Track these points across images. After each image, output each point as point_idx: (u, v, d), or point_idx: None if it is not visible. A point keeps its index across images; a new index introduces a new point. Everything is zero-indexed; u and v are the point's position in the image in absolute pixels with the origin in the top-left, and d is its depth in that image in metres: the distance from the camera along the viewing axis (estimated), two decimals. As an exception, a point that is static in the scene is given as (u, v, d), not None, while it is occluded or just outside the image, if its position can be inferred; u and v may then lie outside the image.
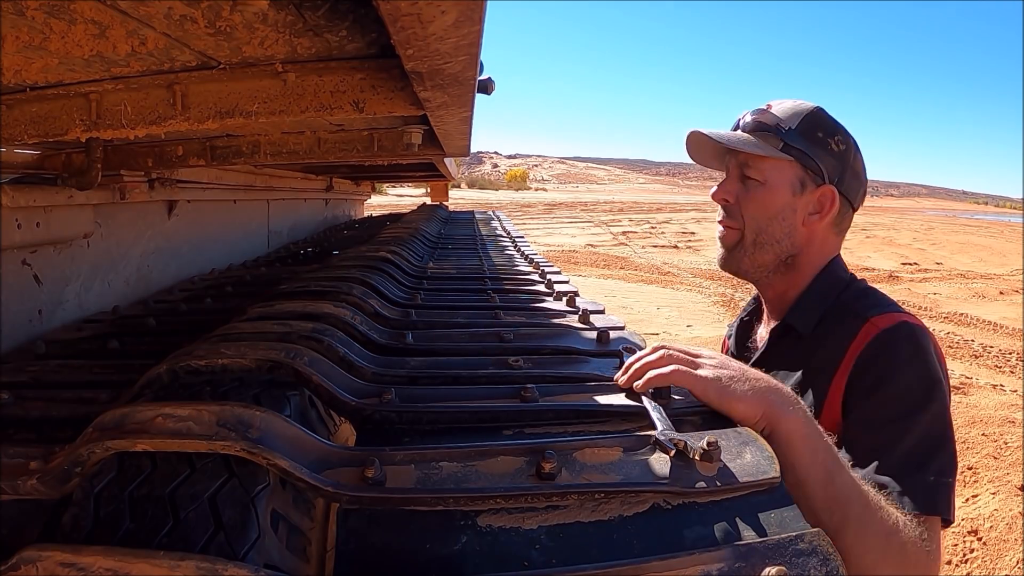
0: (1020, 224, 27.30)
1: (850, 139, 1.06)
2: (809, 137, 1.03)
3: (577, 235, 14.55)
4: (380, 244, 1.69)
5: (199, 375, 0.69)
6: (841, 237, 1.11)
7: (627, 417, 0.65)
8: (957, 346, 5.97)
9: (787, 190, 1.04)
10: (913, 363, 0.88)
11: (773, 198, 1.04)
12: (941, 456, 0.83)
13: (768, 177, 1.04)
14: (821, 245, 1.07)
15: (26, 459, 0.54)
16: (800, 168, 1.03)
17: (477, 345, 0.88)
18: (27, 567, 0.41)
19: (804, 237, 1.06)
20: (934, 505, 0.79)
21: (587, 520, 0.49)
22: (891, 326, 0.92)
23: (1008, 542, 2.79)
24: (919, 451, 0.82)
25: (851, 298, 1.03)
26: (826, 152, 1.03)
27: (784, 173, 1.03)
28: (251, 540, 0.48)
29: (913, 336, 0.91)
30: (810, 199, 1.04)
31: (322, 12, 0.51)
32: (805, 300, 1.06)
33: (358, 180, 3.70)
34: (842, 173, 1.04)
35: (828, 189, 1.03)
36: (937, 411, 0.86)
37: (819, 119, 1.04)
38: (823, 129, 1.04)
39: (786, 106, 1.06)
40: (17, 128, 0.72)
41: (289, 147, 1.20)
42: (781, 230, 1.05)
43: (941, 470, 0.82)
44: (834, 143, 1.03)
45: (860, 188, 1.08)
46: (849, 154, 1.05)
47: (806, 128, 1.03)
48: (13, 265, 1.11)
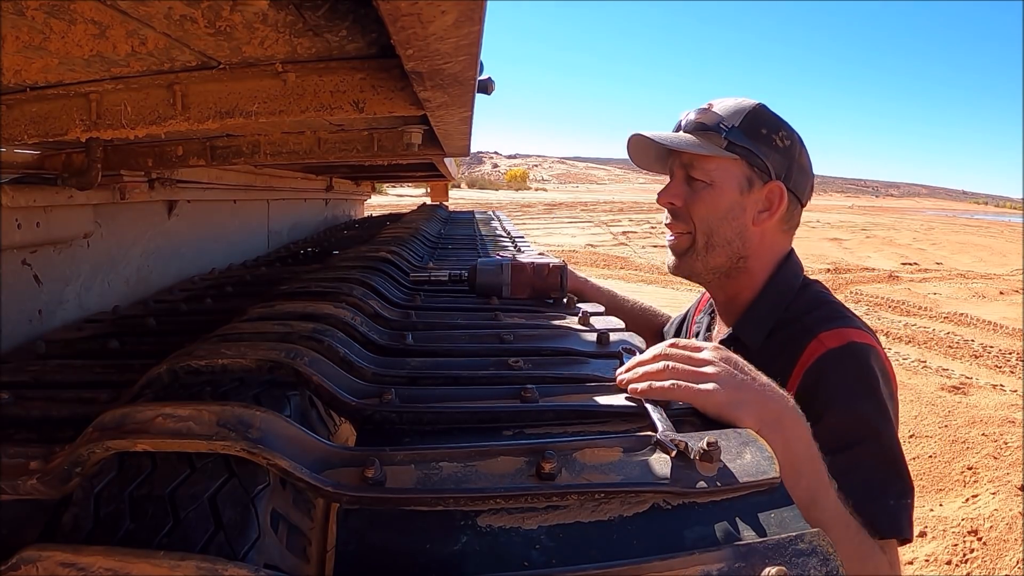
0: (1020, 224, 27.31)
1: (794, 134, 1.03)
2: (753, 134, 1.00)
3: (577, 235, 14.55)
4: (380, 244, 1.69)
5: (199, 375, 0.69)
6: (791, 234, 1.09)
7: (627, 418, 0.65)
8: (957, 346, 5.97)
9: (735, 189, 1.01)
10: (861, 386, 0.86)
11: (721, 198, 1.02)
12: (898, 479, 0.83)
13: (714, 177, 1.02)
14: (771, 245, 1.05)
15: (26, 459, 0.54)
16: (746, 166, 1.01)
17: (477, 346, 0.88)
18: (27, 567, 0.41)
19: (755, 236, 1.03)
20: (899, 528, 0.80)
21: (587, 520, 0.49)
22: (838, 347, 0.89)
23: (1008, 542, 2.79)
24: (877, 476, 0.81)
25: (802, 309, 1.00)
26: (771, 148, 1.01)
27: (730, 172, 1.01)
28: (251, 540, 0.48)
29: (860, 357, 0.88)
30: (758, 197, 1.02)
31: (322, 12, 0.51)
32: (754, 311, 1.04)
33: (358, 180, 3.70)
34: (788, 169, 1.02)
35: (776, 185, 1.01)
36: (889, 434, 0.85)
37: (762, 116, 1.02)
38: (767, 125, 1.01)
39: (728, 104, 1.04)
40: (17, 128, 0.72)
41: (289, 147, 1.20)
42: (732, 230, 1.03)
43: (900, 492, 0.82)
44: (779, 139, 1.01)
45: (807, 183, 1.06)
46: (794, 149, 1.03)
47: (749, 125, 1.01)
48: (13, 265, 1.10)
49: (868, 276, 9.96)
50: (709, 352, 0.71)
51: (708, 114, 1.03)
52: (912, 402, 4.22)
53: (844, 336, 0.91)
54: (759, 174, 1.01)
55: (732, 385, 0.66)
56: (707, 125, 1.02)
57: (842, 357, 0.88)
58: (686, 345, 0.72)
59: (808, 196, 1.08)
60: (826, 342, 0.90)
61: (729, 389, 0.66)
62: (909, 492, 0.83)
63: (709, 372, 0.68)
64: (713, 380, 0.66)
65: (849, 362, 0.88)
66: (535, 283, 1.18)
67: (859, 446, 0.82)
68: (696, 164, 1.03)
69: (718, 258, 1.05)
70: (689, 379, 0.67)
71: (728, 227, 1.03)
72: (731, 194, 1.02)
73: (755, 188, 1.02)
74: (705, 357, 0.70)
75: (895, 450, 0.85)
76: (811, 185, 1.08)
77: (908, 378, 4.86)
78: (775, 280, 1.04)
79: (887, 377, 0.90)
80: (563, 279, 1.18)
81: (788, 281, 1.04)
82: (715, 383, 0.66)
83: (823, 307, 1.00)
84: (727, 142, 1.00)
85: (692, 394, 0.66)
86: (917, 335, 6.30)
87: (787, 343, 0.95)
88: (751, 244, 1.04)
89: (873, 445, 0.83)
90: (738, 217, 1.02)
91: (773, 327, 1.01)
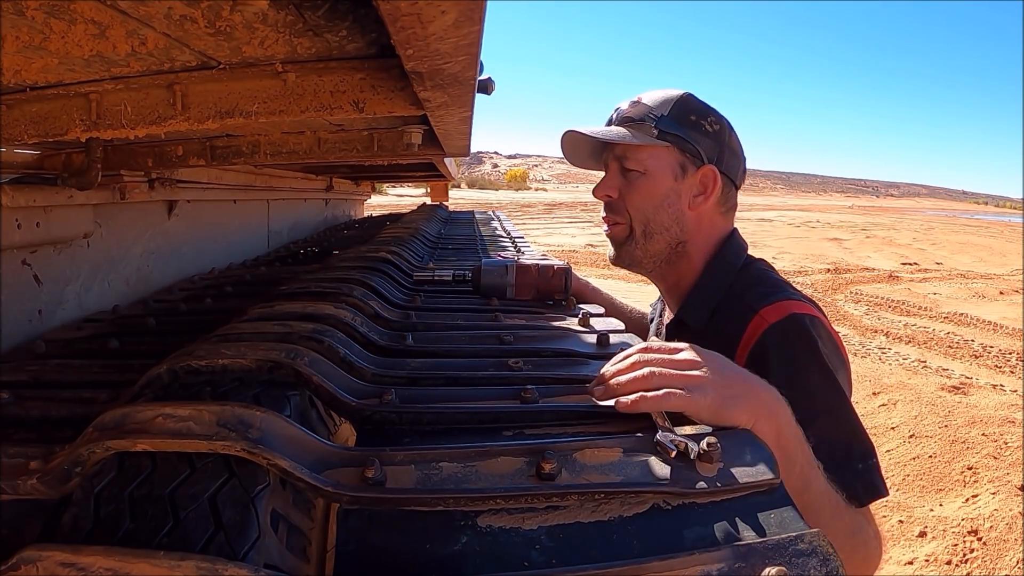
0: (1020, 224, 27.30)
1: (723, 119, 1.06)
2: (682, 121, 1.03)
3: (577, 235, 14.55)
4: (380, 244, 1.69)
5: (199, 375, 0.68)
6: (729, 217, 1.11)
7: (627, 418, 0.65)
8: (957, 346, 5.97)
9: (668, 176, 1.04)
10: (806, 358, 0.87)
11: (656, 186, 1.04)
12: (857, 443, 0.85)
13: (648, 166, 1.04)
14: (710, 228, 1.07)
15: (26, 459, 0.54)
16: (678, 152, 1.03)
17: (477, 347, 0.88)
18: (27, 567, 0.41)
19: (692, 221, 1.05)
20: (873, 490, 0.83)
21: (587, 520, 0.49)
22: (779, 320, 0.90)
23: (1008, 542, 2.79)
24: (840, 446, 0.83)
25: (743, 287, 1.01)
26: (701, 134, 1.03)
27: (663, 159, 1.04)
28: (251, 540, 0.48)
29: (801, 329, 0.88)
30: (692, 182, 1.04)
31: (322, 12, 0.51)
32: (696, 293, 1.06)
33: (358, 180, 3.70)
34: (720, 152, 1.04)
35: (709, 169, 1.04)
36: (841, 402, 0.86)
37: (690, 103, 1.04)
38: (695, 112, 1.04)
39: (656, 95, 1.06)
40: (17, 128, 0.72)
41: (289, 147, 1.20)
42: (669, 216, 1.05)
43: (863, 454, 0.84)
44: (708, 124, 1.04)
45: (739, 165, 1.09)
46: (724, 134, 1.05)
47: (678, 113, 1.03)
48: (13, 265, 1.10)
49: (868, 276, 9.97)
50: (688, 352, 0.68)
51: (638, 106, 1.06)
52: (912, 402, 4.22)
53: (784, 309, 0.91)
54: (691, 159, 1.04)
55: (721, 384, 0.65)
56: (637, 117, 1.05)
57: (784, 331, 0.89)
58: (661, 347, 0.69)
59: (741, 178, 1.10)
60: (767, 317, 0.91)
61: (719, 388, 0.64)
62: (872, 452, 0.86)
63: (696, 375, 0.65)
64: (702, 382, 0.64)
65: (792, 335, 0.88)
66: (539, 285, 1.19)
67: (818, 420, 0.80)
68: (629, 155, 1.05)
69: (657, 245, 1.07)
70: (678, 384, 0.64)
71: (665, 214, 1.05)
72: (666, 181, 1.04)
73: (689, 173, 1.04)
74: (687, 358, 0.67)
75: (850, 416, 0.86)
76: (743, 168, 1.10)
77: (908, 378, 4.86)
78: (715, 261, 1.06)
79: (833, 344, 0.91)
80: (567, 281, 1.18)
81: (728, 261, 1.06)
82: (705, 385, 0.64)
83: (764, 283, 1.01)
84: (658, 131, 1.02)
85: (685, 402, 0.63)
86: (917, 335, 6.30)
87: (729, 320, 0.96)
88: (689, 228, 1.06)
89: (828, 417, 0.84)
90: (674, 203, 1.04)
91: (716, 306, 1.02)
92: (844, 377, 0.90)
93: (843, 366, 0.91)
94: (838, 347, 0.92)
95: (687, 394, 0.63)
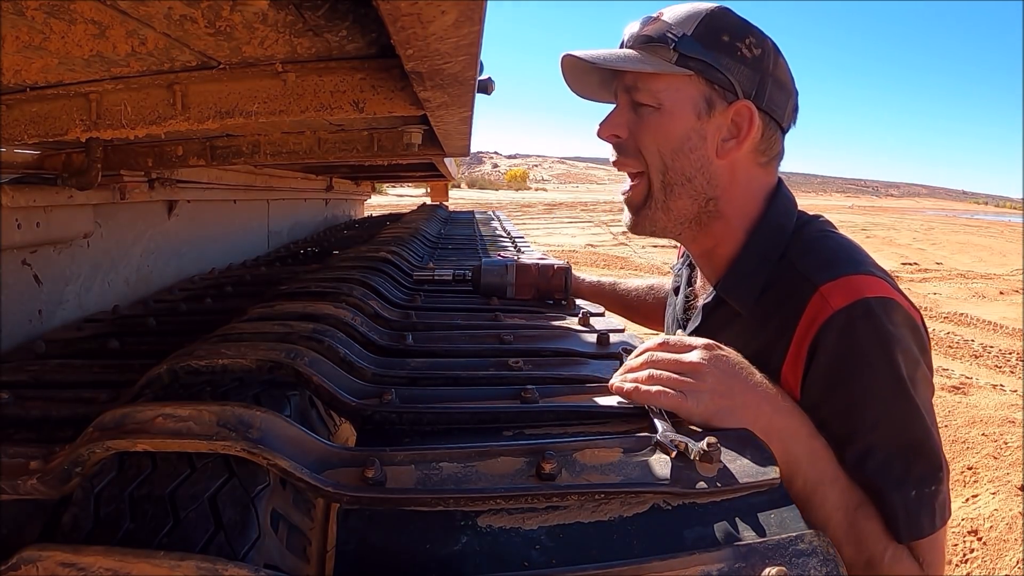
0: (1020, 224, 27.32)
1: (767, 41, 0.82)
2: (711, 43, 0.80)
3: (577, 235, 14.55)
4: (380, 244, 1.69)
5: (199, 375, 0.69)
6: (771, 168, 0.87)
7: (627, 418, 0.65)
8: (957, 346, 5.97)
9: (689, 112, 0.81)
10: (873, 358, 0.70)
11: (672, 124, 0.82)
12: (921, 463, 0.70)
13: (663, 99, 0.82)
14: (747, 181, 0.85)
15: (26, 459, 0.54)
16: (704, 83, 0.81)
17: (477, 347, 0.88)
18: (27, 567, 0.41)
19: (724, 171, 0.84)
20: (919, 528, 0.68)
21: (587, 520, 0.49)
22: (845, 307, 0.71)
23: (1008, 542, 2.79)
24: (897, 463, 0.69)
25: (798, 253, 0.81)
26: (735, 60, 0.80)
27: (683, 92, 0.81)
28: (251, 540, 0.48)
29: (874, 320, 0.70)
30: (721, 121, 0.82)
31: (322, 12, 0.51)
32: (739, 266, 0.84)
33: (358, 180, 3.70)
34: (760, 84, 0.81)
35: (743, 105, 0.81)
36: (909, 411, 0.70)
37: (722, 19, 0.81)
38: (728, 31, 0.80)
39: (679, 9, 0.83)
40: (17, 128, 0.72)
41: (289, 147, 1.20)
42: (691, 164, 0.83)
43: (922, 479, 0.69)
44: (745, 47, 0.80)
45: (787, 101, 0.85)
46: (767, 59, 0.82)
47: (706, 32, 0.80)
48: (13, 265, 1.10)
49: (868, 276, 9.94)
50: (698, 353, 0.66)
51: (656, 23, 0.83)
52: (912, 402, 4.22)
53: (853, 290, 0.72)
54: (721, 92, 0.81)
55: (719, 392, 0.63)
56: (653, 37, 0.82)
57: (851, 322, 0.70)
58: (674, 345, 0.68)
59: (790, 119, 0.87)
60: (831, 300, 0.72)
61: (715, 397, 0.63)
62: (936, 477, 0.70)
63: (696, 382, 0.64)
64: (700, 389, 0.63)
65: (861, 329, 0.70)
66: (539, 284, 1.19)
67: (875, 430, 0.70)
68: (641, 85, 0.83)
69: (680, 201, 0.85)
70: (676, 387, 0.63)
71: (685, 160, 0.83)
72: (685, 118, 0.82)
73: (717, 110, 0.82)
74: (692, 360, 0.65)
75: (914, 428, 0.70)
76: (793, 104, 0.86)
77: (908, 378, 4.85)
78: (761, 224, 0.85)
79: (912, 332, 0.73)
80: (567, 281, 1.18)
81: (778, 222, 0.84)
82: (702, 392, 0.63)
83: (826, 248, 0.80)
84: (677, 54, 0.80)
85: (678, 404, 0.63)
86: (917, 335, 6.29)
87: (783, 301, 0.78)
88: (719, 181, 0.84)
89: (888, 428, 0.70)
90: (697, 148, 0.82)
91: (766, 282, 0.82)
92: (923, 374, 0.73)
93: (923, 360, 0.74)
94: (919, 334, 0.74)
95: (682, 398, 0.63)
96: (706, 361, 0.66)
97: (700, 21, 0.81)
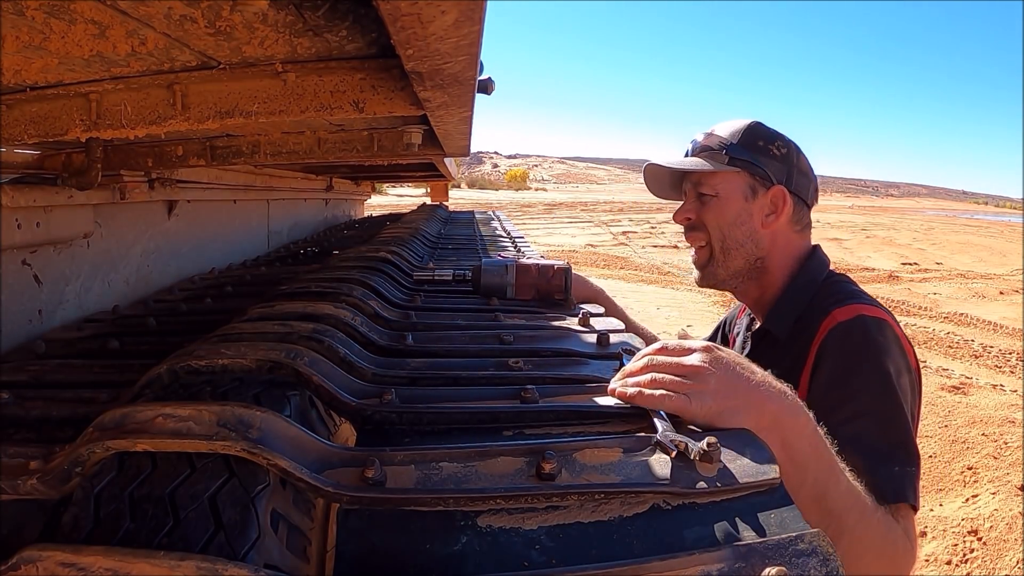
0: (1020, 224, 27.31)
1: (791, 143, 1.16)
2: (751, 147, 1.13)
3: (577, 235, 14.56)
4: (380, 244, 1.69)
5: (199, 375, 0.68)
6: (805, 234, 1.19)
7: (627, 418, 0.65)
8: (957, 346, 5.97)
9: (740, 197, 1.14)
10: (864, 357, 0.92)
11: (728, 206, 1.14)
12: (902, 448, 0.87)
13: (720, 189, 1.14)
14: (786, 245, 1.16)
15: (26, 459, 0.54)
16: (748, 176, 1.13)
17: (477, 347, 0.88)
18: (27, 567, 0.41)
19: (767, 238, 1.14)
20: (904, 494, 0.84)
21: (587, 520, 0.49)
22: (847, 320, 0.96)
23: (1008, 542, 2.79)
24: (883, 444, 0.86)
25: (823, 295, 1.09)
26: (769, 157, 1.13)
27: (734, 183, 1.14)
28: (251, 540, 0.48)
29: (866, 329, 0.95)
30: (763, 202, 1.13)
31: (322, 12, 0.51)
32: (780, 305, 1.14)
33: (358, 180, 3.70)
34: (789, 173, 1.13)
35: (778, 189, 1.13)
36: (893, 405, 0.89)
37: (758, 130, 1.15)
38: (763, 138, 1.14)
39: (727, 126, 1.17)
40: (17, 128, 0.72)
41: (289, 147, 1.20)
42: (743, 234, 1.14)
43: (905, 459, 0.86)
44: (775, 148, 1.14)
45: (810, 185, 1.17)
46: (792, 156, 1.15)
47: (747, 140, 1.14)
48: (13, 265, 1.10)
49: (868, 276, 9.96)
50: (698, 356, 0.68)
51: (711, 137, 1.17)
52: (912, 402, 4.22)
53: (854, 310, 0.98)
54: (761, 181, 1.13)
55: (722, 393, 0.64)
56: (711, 147, 1.16)
57: (849, 329, 0.95)
58: (674, 349, 0.70)
59: (813, 197, 1.18)
60: (837, 317, 0.97)
61: (719, 399, 0.64)
62: (914, 461, 0.87)
63: (697, 383, 0.65)
64: (701, 390, 0.64)
65: (856, 334, 0.94)
66: (539, 285, 1.19)
67: (864, 418, 0.87)
68: (704, 181, 1.16)
69: (736, 261, 1.15)
70: (678, 390, 0.64)
71: (739, 231, 1.14)
72: (737, 202, 1.14)
73: (759, 194, 1.13)
74: (694, 363, 0.67)
75: (900, 421, 0.89)
76: (814, 187, 1.19)
77: (908, 378, 4.85)
78: (799, 276, 1.14)
79: (899, 346, 0.95)
80: (567, 281, 1.19)
81: (811, 275, 1.14)
82: (704, 393, 0.64)
83: (840, 290, 1.08)
84: (728, 157, 1.13)
85: (681, 407, 0.63)
86: (917, 335, 6.29)
87: (808, 325, 1.04)
88: (764, 245, 1.15)
89: (876, 417, 0.88)
90: (746, 222, 1.14)
91: (799, 317, 1.09)
92: (907, 382, 0.93)
93: (907, 371, 0.94)
94: (904, 351, 0.96)
95: (685, 400, 0.63)
96: (707, 363, 0.67)
97: (743, 133, 1.14)
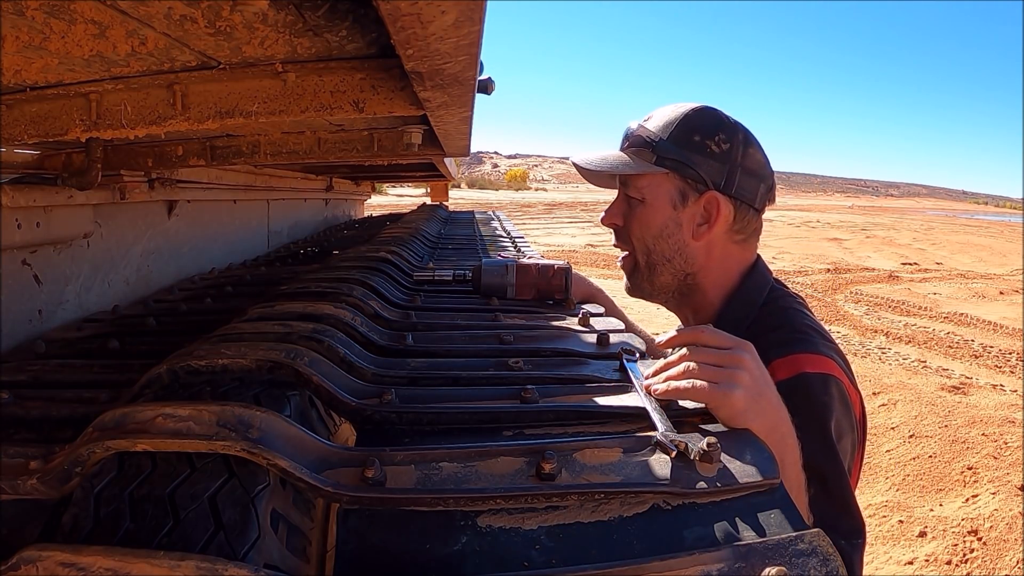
0: (1020, 224, 27.30)
1: (736, 135, 0.96)
2: (683, 143, 0.95)
3: (577, 235, 14.55)
4: (380, 244, 1.69)
5: (199, 375, 0.68)
6: (748, 244, 1.02)
7: (627, 418, 0.65)
8: (957, 346, 5.97)
9: (667, 204, 0.98)
10: (811, 417, 0.80)
11: (654, 215, 0.98)
12: (847, 518, 0.79)
13: (646, 194, 0.98)
14: (722, 259, 0.99)
15: (26, 459, 0.54)
16: (678, 179, 0.96)
17: (477, 347, 0.88)
18: (27, 567, 0.41)
19: (700, 252, 0.99)
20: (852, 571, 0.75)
21: (587, 520, 0.49)
22: (786, 379, 0.81)
23: (1008, 542, 2.79)
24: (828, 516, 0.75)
25: (763, 324, 0.94)
26: (704, 156, 0.95)
27: (662, 187, 0.97)
28: (251, 540, 0.48)
29: (809, 390, 0.83)
30: (695, 210, 0.97)
31: (322, 12, 0.51)
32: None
33: (358, 180, 3.70)
34: (729, 174, 0.95)
35: (711, 196, 0.95)
36: (837, 474, 0.80)
37: (695, 121, 0.96)
38: (700, 131, 0.95)
39: (661, 114, 1.00)
40: (17, 128, 0.72)
41: (289, 147, 1.20)
42: (670, 247, 0.99)
43: (849, 532, 0.78)
44: (714, 144, 0.95)
45: (759, 185, 0.98)
46: (735, 152, 0.95)
47: (680, 134, 0.96)
48: (13, 265, 1.10)
49: (868, 276, 9.96)
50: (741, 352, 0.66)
51: (642, 128, 1.00)
52: (912, 402, 4.22)
53: (795, 365, 0.85)
54: (693, 185, 0.96)
55: (754, 392, 0.63)
56: (642, 140, 0.99)
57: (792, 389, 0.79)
58: (716, 340, 0.68)
59: (764, 199, 1.00)
60: (776, 372, 0.81)
61: (750, 396, 0.62)
62: (859, 532, 0.80)
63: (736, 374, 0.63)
64: (737, 383, 0.62)
65: (798, 395, 0.79)
66: (540, 284, 1.18)
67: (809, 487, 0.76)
68: (630, 182, 1.01)
69: (663, 277, 1.01)
70: (712, 379, 0.63)
71: (665, 244, 0.99)
72: (664, 210, 0.98)
73: (690, 201, 0.97)
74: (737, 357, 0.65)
75: (844, 490, 0.81)
76: (765, 188, 0.99)
77: (908, 378, 4.86)
78: (734, 297, 0.99)
79: (845, 406, 0.85)
80: (567, 281, 1.18)
81: (749, 296, 0.99)
82: (739, 387, 0.62)
83: (783, 327, 0.93)
84: (656, 156, 0.96)
85: (709, 395, 0.62)
86: (917, 335, 6.29)
87: None
88: (696, 260, 0.99)
89: (822, 486, 0.78)
90: (674, 233, 0.98)
91: None
92: (848, 443, 0.84)
93: (850, 430, 0.85)
94: (850, 410, 0.86)
95: (715, 389, 0.62)
96: (749, 358, 0.66)
97: (676, 126, 0.96)
